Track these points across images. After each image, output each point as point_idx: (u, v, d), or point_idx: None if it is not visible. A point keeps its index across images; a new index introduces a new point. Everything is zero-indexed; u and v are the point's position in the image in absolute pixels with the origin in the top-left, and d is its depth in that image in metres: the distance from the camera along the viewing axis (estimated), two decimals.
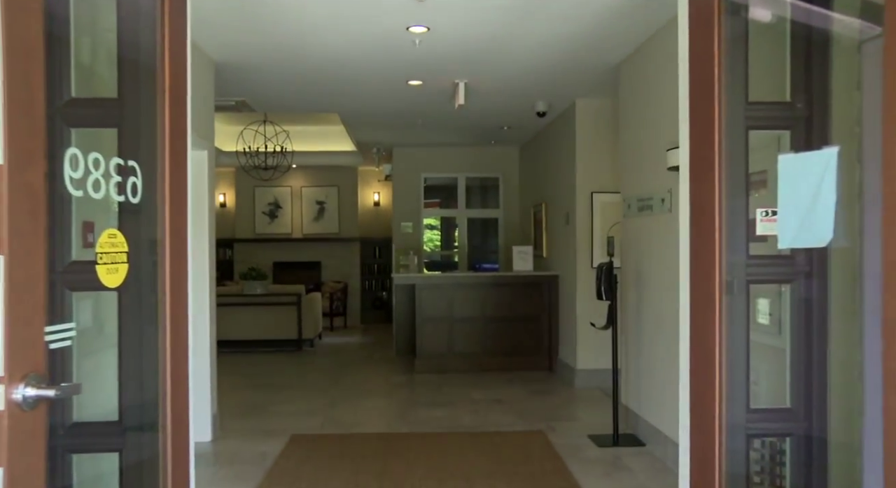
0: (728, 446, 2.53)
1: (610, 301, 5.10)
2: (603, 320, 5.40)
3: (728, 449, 2.54)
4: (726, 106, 2.55)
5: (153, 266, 2.35)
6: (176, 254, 2.43)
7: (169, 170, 2.38)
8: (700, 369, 2.58)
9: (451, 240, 12.43)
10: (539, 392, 6.83)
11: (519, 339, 8.00)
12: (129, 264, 2.20)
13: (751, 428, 2.62)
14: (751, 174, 2.70)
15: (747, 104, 2.61)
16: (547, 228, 8.41)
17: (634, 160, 5.31)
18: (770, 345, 3.13)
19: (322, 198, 12.92)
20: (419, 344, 7.97)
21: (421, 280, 8.06)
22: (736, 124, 2.58)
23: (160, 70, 2.37)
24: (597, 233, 7.06)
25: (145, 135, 2.35)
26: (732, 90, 2.60)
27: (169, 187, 2.38)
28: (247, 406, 6.31)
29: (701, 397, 2.60)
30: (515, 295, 8.04)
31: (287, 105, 7.25)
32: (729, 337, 2.58)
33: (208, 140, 5.16)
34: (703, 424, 2.59)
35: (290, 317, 9.70)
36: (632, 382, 5.38)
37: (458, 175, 10.58)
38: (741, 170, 2.59)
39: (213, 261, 5.30)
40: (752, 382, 2.74)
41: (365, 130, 8.93)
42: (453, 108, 6.74)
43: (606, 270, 5.08)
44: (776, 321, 3.33)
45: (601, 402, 6.33)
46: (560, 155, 7.76)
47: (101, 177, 2.07)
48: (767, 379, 3.05)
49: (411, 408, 6.21)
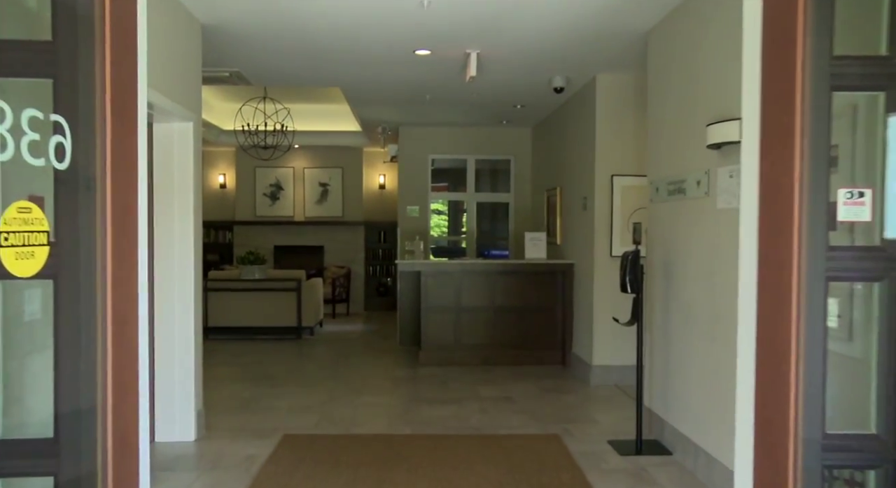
0: (804, 479, 2.06)
1: (636, 294, 4.61)
2: (627, 315, 4.92)
3: (804, 483, 2.06)
4: (811, 61, 2.05)
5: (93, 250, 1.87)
6: (122, 237, 1.95)
7: (111, 133, 1.89)
8: (770, 383, 2.10)
9: (458, 225, 11.94)
10: (552, 389, 6.36)
11: (530, 332, 7.53)
12: (50, 247, 1.72)
13: (828, 458, 2.14)
14: None
15: (832, 59, 2.10)
16: (562, 214, 7.91)
17: (665, 139, 4.80)
18: (839, 352, 2.64)
19: (325, 179, 12.43)
20: (424, 334, 7.51)
21: (426, 266, 7.58)
22: (818, 84, 2.08)
23: (98, 7, 1.89)
24: (616, 219, 6.56)
25: (84, 88, 1.87)
26: (815, 42, 2.10)
27: (111, 153, 1.89)
28: (238, 400, 5.86)
29: (769, 418, 2.12)
30: (527, 284, 7.56)
31: (285, 77, 6.74)
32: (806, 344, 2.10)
33: (194, 111, 4.67)
34: (772, 452, 2.11)
35: (290, 304, 9.25)
36: (656, 383, 4.90)
37: (467, 156, 10.07)
38: (823, 142, 2.09)
39: (200, 245, 4.83)
40: None
41: (370, 107, 8.42)
42: (463, 82, 6.23)
43: (632, 260, 4.59)
44: (846, 324, 2.84)
45: (620, 402, 5.86)
46: (577, 135, 7.24)
47: (5, 133, 1.59)
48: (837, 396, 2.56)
49: (414, 406, 5.75)
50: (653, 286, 4.93)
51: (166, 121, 4.55)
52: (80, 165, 1.80)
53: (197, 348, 4.73)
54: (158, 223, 4.58)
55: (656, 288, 4.89)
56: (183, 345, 4.64)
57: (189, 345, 4.65)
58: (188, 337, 4.64)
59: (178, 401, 4.65)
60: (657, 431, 4.82)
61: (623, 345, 6.45)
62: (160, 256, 4.59)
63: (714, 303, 3.98)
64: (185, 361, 4.65)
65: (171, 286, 4.60)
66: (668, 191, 4.71)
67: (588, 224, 6.77)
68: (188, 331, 4.64)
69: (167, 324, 4.61)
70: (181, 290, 4.63)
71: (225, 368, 7.25)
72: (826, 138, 2.07)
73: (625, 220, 6.54)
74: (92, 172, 1.84)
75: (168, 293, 4.60)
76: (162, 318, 4.60)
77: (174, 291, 4.61)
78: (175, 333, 4.63)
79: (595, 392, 6.27)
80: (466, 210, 10.53)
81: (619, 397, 6.05)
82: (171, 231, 4.59)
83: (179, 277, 4.62)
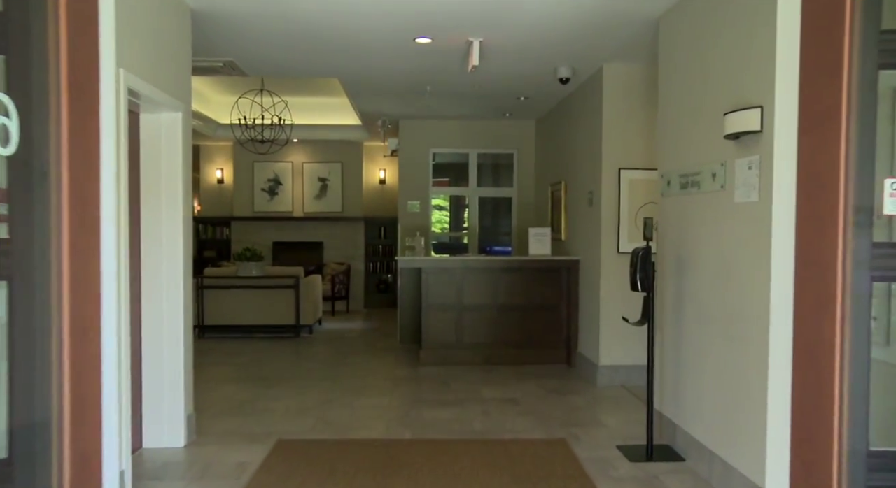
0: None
1: (646, 292, 4.39)
2: (635, 313, 4.70)
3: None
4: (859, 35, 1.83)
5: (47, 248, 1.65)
6: (81, 232, 1.73)
7: (68, 114, 1.67)
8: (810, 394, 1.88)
9: (460, 220, 11.72)
10: (557, 390, 6.14)
11: (534, 330, 7.32)
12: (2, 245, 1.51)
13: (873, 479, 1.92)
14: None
15: (881, 34, 1.88)
16: (566, 209, 7.69)
17: (677, 130, 4.57)
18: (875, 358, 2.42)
19: (325, 174, 12.21)
20: (425, 333, 7.30)
21: (427, 263, 7.35)
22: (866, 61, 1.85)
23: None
24: (624, 214, 6.33)
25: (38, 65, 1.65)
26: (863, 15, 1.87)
27: (68, 137, 1.67)
28: (231, 402, 5.66)
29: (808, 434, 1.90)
30: (531, 281, 7.34)
31: (281, 67, 6.51)
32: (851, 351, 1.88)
33: (182, 100, 4.45)
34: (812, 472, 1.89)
35: (288, 302, 9.03)
36: (668, 386, 4.69)
37: (469, 150, 9.84)
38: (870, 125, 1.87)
39: (190, 242, 4.62)
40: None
41: (369, 99, 8.19)
42: (465, 73, 6.01)
43: (643, 257, 4.36)
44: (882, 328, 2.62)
45: (628, 404, 5.64)
46: (583, 128, 7.02)
47: None
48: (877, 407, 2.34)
49: (415, 408, 5.54)
50: (664, 284, 4.71)
51: (153, 111, 4.33)
52: (33, 151, 1.58)
53: (187, 349, 4.52)
54: (146, 219, 4.36)
55: (668, 286, 4.67)
56: (172, 346, 4.42)
57: (178, 345, 4.43)
58: (177, 337, 4.43)
59: (166, 405, 4.43)
60: (668, 436, 4.61)
61: (631, 344, 6.23)
62: (147, 253, 4.38)
63: (730, 301, 3.75)
64: (174, 363, 4.43)
65: (158, 284, 4.39)
66: (680, 184, 4.49)
67: (594, 219, 6.55)
68: (177, 331, 4.43)
69: (154, 324, 4.39)
70: (169, 288, 4.41)
71: (219, 368, 7.04)
72: (873, 121, 1.85)
73: (632, 215, 6.32)
74: (46, 158, 1.63)
75: (156, 291, 4.39)
76: (149, 318, 4.38)
77: (162, 289, 4.40)
78: (163, 333, 4.41)
79: (602, 393, 6.05)
80: (468, 205, 10.31)
81: (626, 398, 5.84)
82: (158, 227, 4.38)
83: (168, 275, 4.40)
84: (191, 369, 4.63)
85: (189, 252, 4.58)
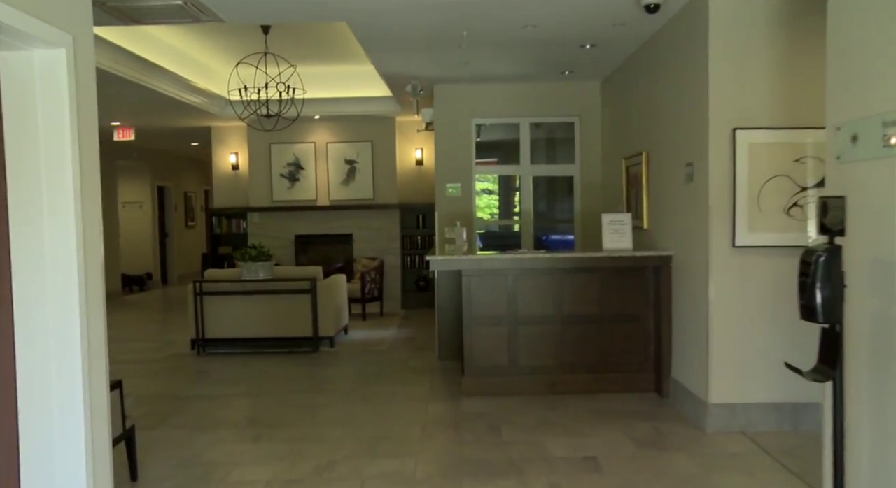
0: None
1: (829, 323, 2.59)
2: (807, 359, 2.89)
3: None
4: None
5: None
6: None
7: None
8: None
9: (510, 206, 9.96)
10: (653, 442, 4.38)
11: (611, 349, 5.56)
12: None
13: None
14: None
15: None
16: (649, 188, 5.87)
17: (871, 55, 2.73)
18: None
19: (353, 155, 10.60)
20: (468, 354, 5.61)
21: (468, 264, 5.62)
22: None
23: None
24: (741, 191, 4.50)
25: None
26: None
27: None
28: (197, 467, 4.07)
29: None
30: (606, 284, 5.57)
31: (269, 9, 4.84)
32: None
33: (68, 31, 2.82)
34: None
35: (304, 309, 7.44)
36: (862, 469, 2.87)
37: (519, 120, 8.02)
38: None
39: (99, 239, 3.01)
40: None
41: (392, 55, 6.47)
42: (510, 13, 4.25)
43: (826, 263, 2.57)
44: None
45: (765, 469, 3.85)
46: (676, 78, 5.18)
47: None
48: None
49: (450, 481, 3.85)
50: (853, 306, 2.88)
51: (19, 47, 2.71)
52: None
53: (96, 413, 2.91)
54: (15, 207, 2.76)
55: (861, 309, 2.84)
56: (66, 410, 2.81)
57: (75, 409, 2.82)
58: (73, 393, 2.81)
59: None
60: None
61: (753, 374, 4.45)
62: (21, 259, 2.78)
63: None
64: (70, 441, 2.83)
65: (40, 307, 2.79)
66: (882, 140, 2.65)
67: (696, 201, 4.74)
68: (73, 383, 2.81)
69: (38, 372, 2.79)
70: (57, 313, 2.80)
71: (200, 405, 5.48)
72: None
73: (754, 194, 4.49)
74: None
75: (36, 318, 2.78)
76: (27, 361, 2.78)
77: (46, 315, 2.79)
78: (51, 388, 2.80)
79: (719, 447, 4.26)
80: (520, 187, 8.51)
81: (759, 458, 4.04)
82: (38, 217, 2.77)
83: (54, 292, 2.79)
84: (108, 446, 3.03)
85: (98, 254, 2.96)
